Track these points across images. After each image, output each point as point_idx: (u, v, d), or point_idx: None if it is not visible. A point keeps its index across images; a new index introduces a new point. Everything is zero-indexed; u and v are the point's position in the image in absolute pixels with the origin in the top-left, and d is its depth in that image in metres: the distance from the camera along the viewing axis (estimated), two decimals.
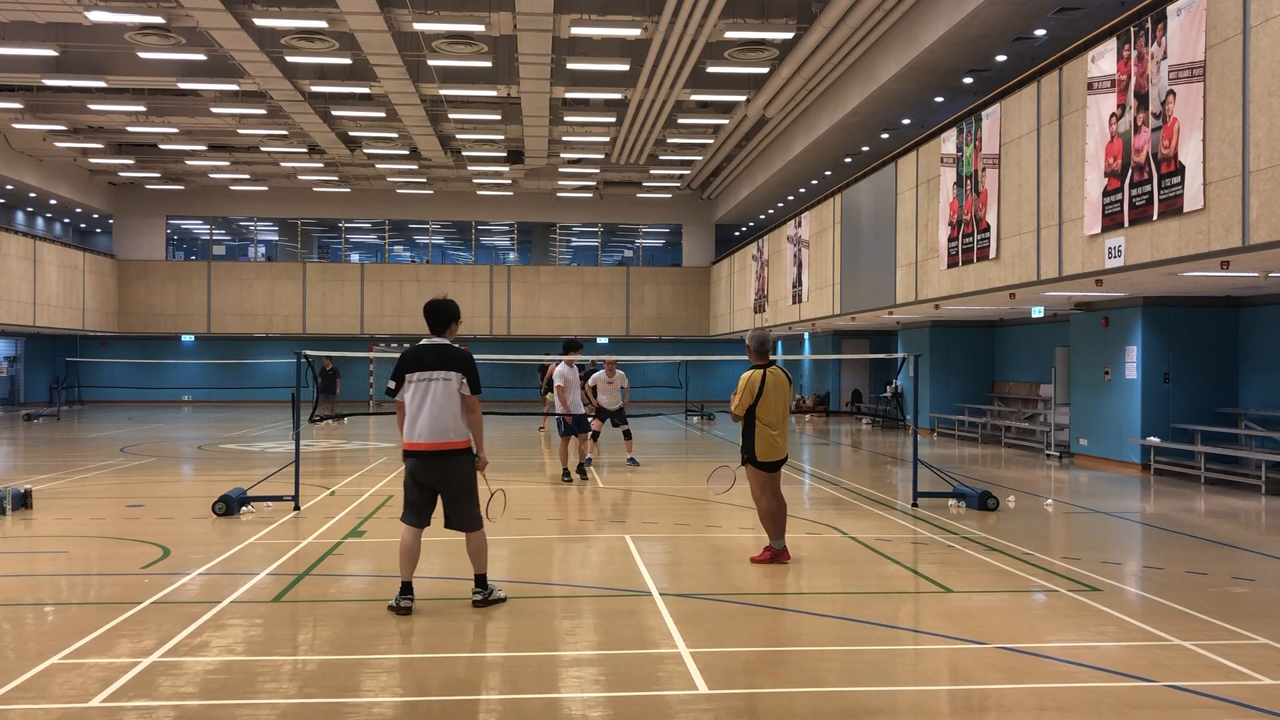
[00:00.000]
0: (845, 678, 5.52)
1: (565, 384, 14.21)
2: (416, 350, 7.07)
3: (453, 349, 7.05)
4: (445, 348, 7.03)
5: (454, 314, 7.18)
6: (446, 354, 6.99)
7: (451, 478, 6.96)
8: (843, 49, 20.88)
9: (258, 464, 16.59)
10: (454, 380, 6.94)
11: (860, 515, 11.36)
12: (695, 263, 40.97)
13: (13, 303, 29.20)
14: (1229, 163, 10.35)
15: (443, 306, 7.15)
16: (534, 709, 5.04)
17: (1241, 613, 6.93)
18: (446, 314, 7.13)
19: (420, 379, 6.95)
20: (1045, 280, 14.12)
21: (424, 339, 7.17)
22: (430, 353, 6.99)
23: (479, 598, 7.07)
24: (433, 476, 6.95)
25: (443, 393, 6.91)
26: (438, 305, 7.16)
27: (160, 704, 5.05)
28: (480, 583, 7.09)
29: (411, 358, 7.04)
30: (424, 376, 6.94)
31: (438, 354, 6.98)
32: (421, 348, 7.06)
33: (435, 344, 7.07)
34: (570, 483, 14.18)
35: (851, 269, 22.63)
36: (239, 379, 39.38)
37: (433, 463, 6.92)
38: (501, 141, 30.55)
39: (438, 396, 6.90)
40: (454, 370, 6.94)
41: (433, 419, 6.89)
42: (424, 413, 6.92)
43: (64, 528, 10.40)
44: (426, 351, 7.01)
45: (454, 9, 19.31)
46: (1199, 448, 14.63)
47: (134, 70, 23.25)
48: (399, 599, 6.86)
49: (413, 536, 6.98)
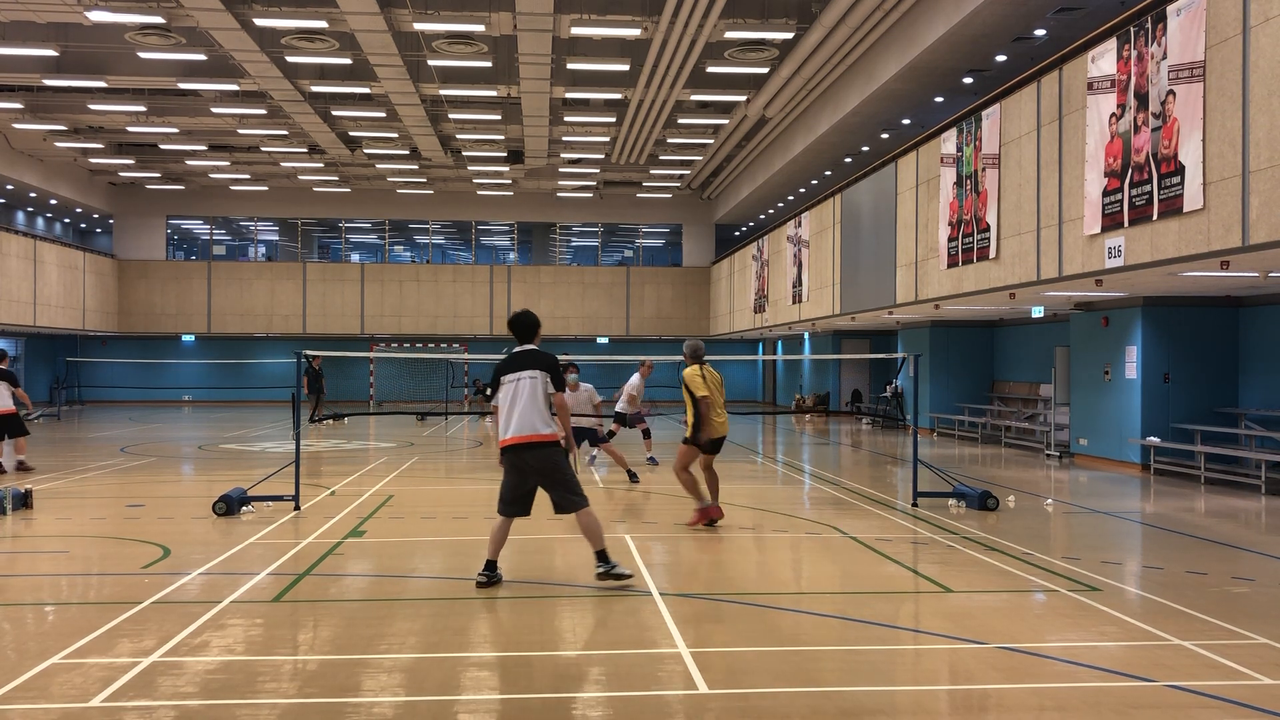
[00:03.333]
0: (845, 677, 5.52)
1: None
2: (509, 358, 7.81)
3: (538, 353, 7.77)
4: (532, 351, 7.78)
5: (536, 324, 7.95)
6: (532, 357, 7.72)
7: (545, 468, 7.58)
8: (843, 49, 20.88)
9: (258, 464, 16.59)
10: (539, 379, 7.60)
11: (860, 515, 11.37)
12: (695, 263, 40.98)
13: (13, 303, 29.20)
14: (1229, 163, 10.35)
15: (524, 319, 7.92)
16: (534, 709, 5.04)
17: (1241, 613, 6.93)
18: (528, 325, 7.90)
19: (510, 380, 7.67)
20: (1045, 280, 14.12)
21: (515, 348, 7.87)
22: (519, 357, 7.75)
23: (601, 571, 7.63)
24: (528, 469, 7.58)
25: (529, 390, 7.58)
26: (520, 319, 7.92)
27: (160, 704, 5.05)
28: (601, 558, 7.68)
29: (505, 363, 7.79)
30: (514, 377, 7.66)
31: (525, 357, 7.73)
32: (513, 354, 7.80)
33: (524, 349, 7.82)
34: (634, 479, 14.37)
35: (851, 269, 22.63)
36: (239, 379, 39.39)
37: (526, 455, 7.54)
38: (501, 141, 30.55)
39: (524, 394, 7.58)
40: (539, 370, 7.63)
41: (522, 415, 7.54)
42: (514, 410, 7.57)
43: (64, 528, 10.40)
44: (518, 358, 7.76)
45: (454, 9, 19.31)
46: (1199, 448, 14.63)
47: (134, 70, 23.25)
48: (481, 573, 7.62)
49: (504, 524, 7.73)
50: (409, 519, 10.97)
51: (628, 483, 14.25)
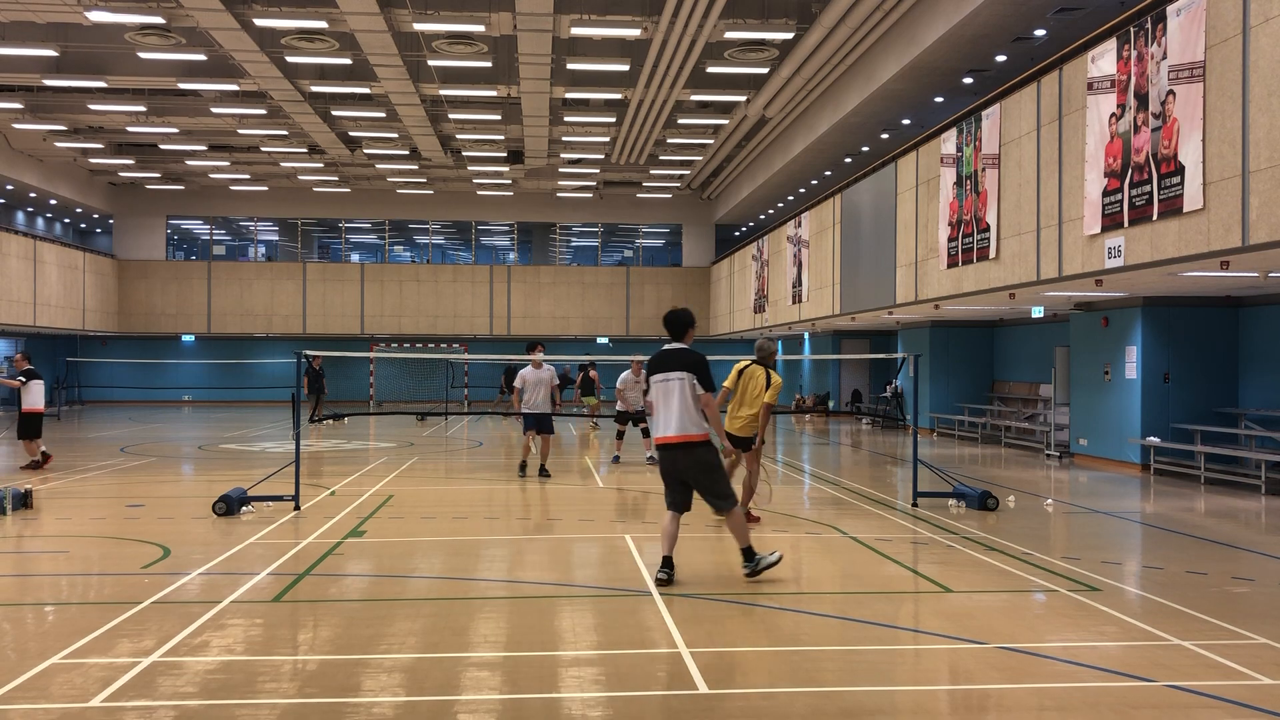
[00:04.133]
0: (845, 678, 5.52)
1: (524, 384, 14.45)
2: (659, 355, 7.92)
3: (688, 353, 7.84)
4: (681, 351, 7.84)
5: (690, 322, 8.02)
6: (680, 356, 7.80)
7: (694, 467, 7.68)
8: (843, 49, 20.88)
9: (258, 464, 16.59)
10: (686, 379, 7.71)
11: (860, 515, 11.37)
12: (695, 263, 40.97)
13: (13, 303, 29.20)
14: (1229, 163, 10.35)
15: (679, 316, 8.00)
16: (534, 709, 5.04)
17: (1241, 613, 6.93)
18: (682, 322, 7.97)
19: (660, 380, 7.79)
20: (1045, 280, 14.12)
21: (665, 344, 8.00)
22: (668, 357, 7.85)
23: (747, 570, 7.74)
24: (678, 467, 7.70)
25: (679, 391, 7.70)
26: (675, 315, 8.01)
27: (160, 704, 5.05)
28: (747, 556, 7.77)
29: (656, 362, 7.91)
30: (662, 377, 7.78)
31: (674, 358, 7.82)
32: (663, 353, 7.92)
33: (673, 349, 7.90)
34: (524, 478, 14.58)
35: (851, 269, 22.63)
36: (239, 379, 39.39)
37: (673, 455, 7.69)
38: (501, 141, 30.55)
39: (674, 395, 7.70)
40: (685, 370, 7.71)
41: (672, 416, 7.67)
42: (665, 410, 7.71)
43: (64, 528, 10.40)
44: (666, 356, 7.87)
45: (454, 9, 19.31)
46: (1199, 448, 14.63)
47: (134, 70, 23.25)
48: (659, 571, 7.68)
49: (672, 519, 7.80)
50: (409, 519, 10.97)
51: (628, 481, 14.26)
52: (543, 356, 14.57)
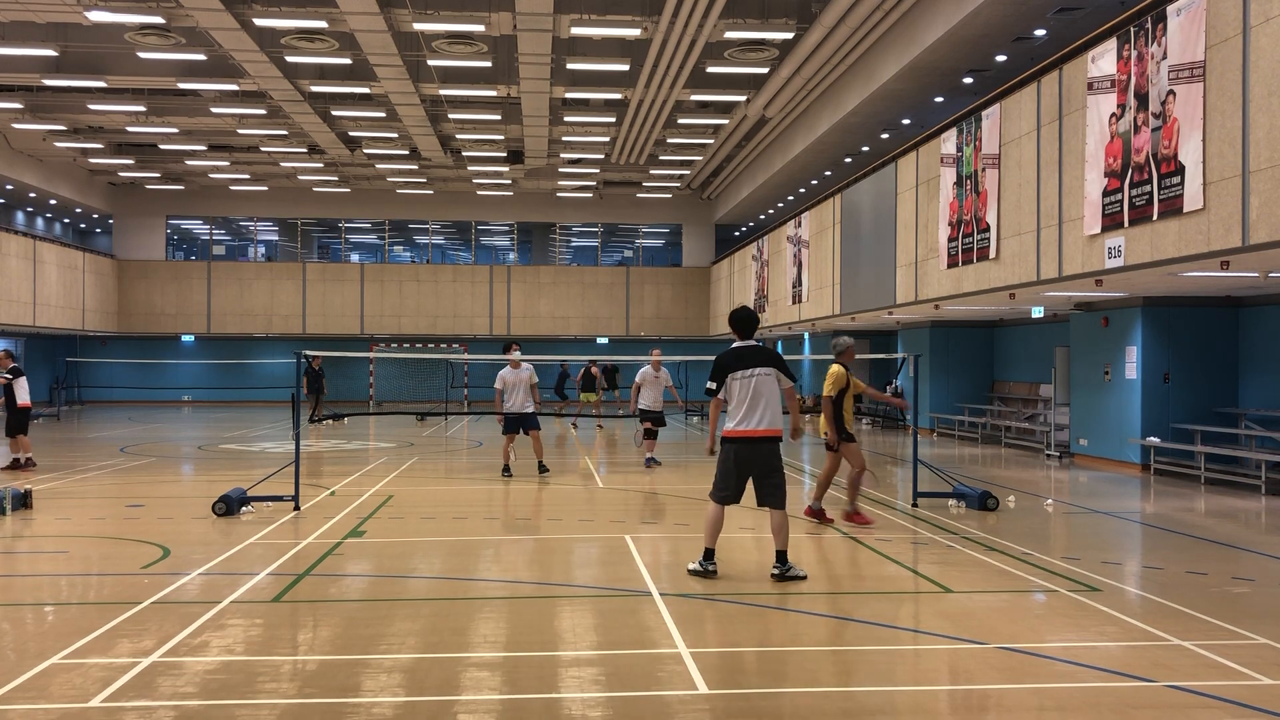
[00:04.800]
0: (845, 678, 5.52)
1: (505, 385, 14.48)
2: (738, 351, 8.09)
3: (768, 349, 8.16)
4: (761, 348, 8.13)
5: (756, 320, 8.43)
6: (760, 354, 8.07)
7: (768, 461, 7.92)
8: (843, 49, 20.88)
9: (258, 464, 16.59)
10: (773, 374, 8.02)
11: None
12: (695, 263, 40.97)
13: (13, 303, 29.20)
14: (1229, 163, 10.35)
15: (751, 316, 8.33)
16: (534, 709, 5.04)
17: (1241, 613, 6.93)
18: (754, 322, 8.34)
19: (744, 375, 7.98)
20: (1045, 280, 14.12)
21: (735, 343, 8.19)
22: (749, 353, 8.06)
23: (777, 572, 7.87)
24: (752, 460, 7.90)
25: (769, 386, 7.96)
26: (746, 315, 8.31)
27: (160, 704, 5.05)
28: (781, 559, 7.90)
29: (734, 358, 8.06)
30: (748, 373, 7.97)
31: (756, 354, 8.05)
32: (742, 349, 8.10)
33: (751, 346, 8.13)
34: (509, 478, 14.50)
35: (851, 269, 22.63)
36: (239, 379, 39.38)
37: (756, 447, 7.89)
38: (501, 141, 30.55)
39: (764, 390, 7.94)
40: (771, 366, 8.03)
41: (762, 410, 7.91)
42: (751, 405, 7.91)
43: (64, 528, 10.40)
44: (746, 352, 8.06)
45: (454, 9, 19.30)
46: (1199, 448, 14.63)
47: (134, 70, 23.25)
48: (703, 564, 7.96)
49: (720, 512, 8.10)
50: (409, 519, 10.97)
51: (629, 481, 14.25)
52: (520, 356, 14.57)
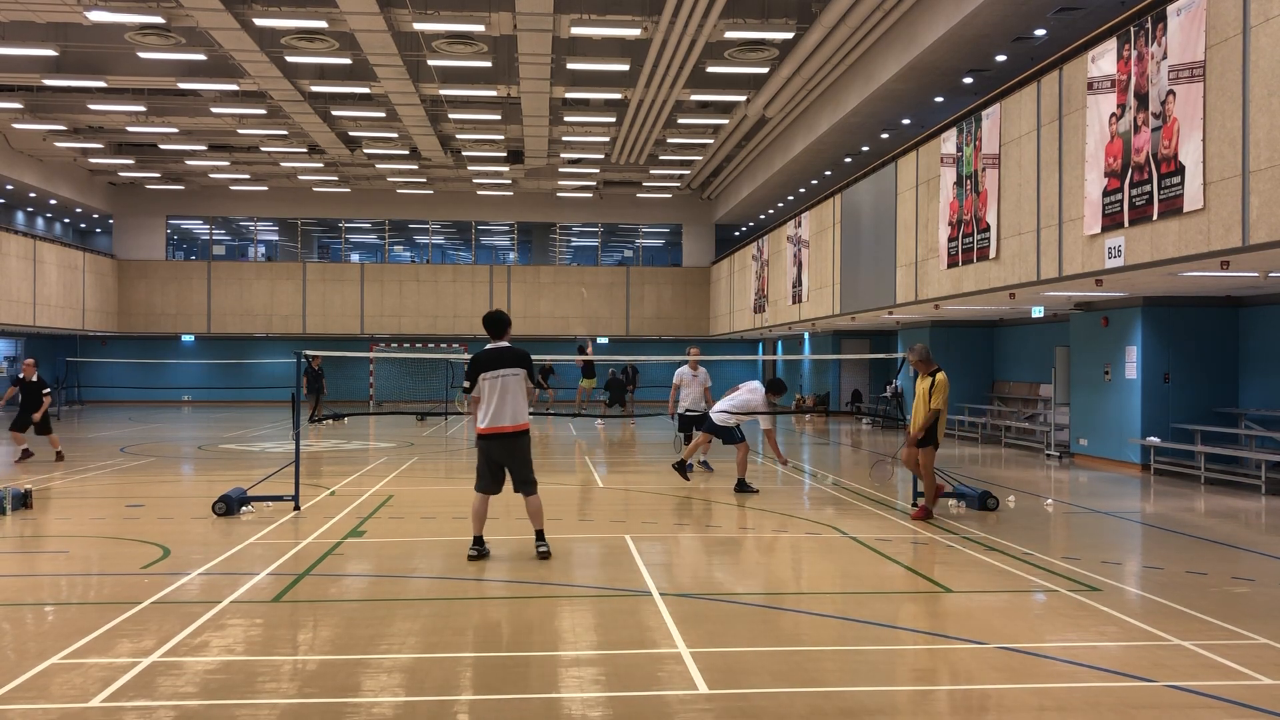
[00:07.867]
0: (845, 678, 5.52)
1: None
2: (488, 353, 8.35)
3: (516, 350, 8.42)
4: (510, 349, 8.44)
5: (508, 323, 8.57)
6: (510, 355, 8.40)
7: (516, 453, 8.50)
8: (843, 49, 20.88)
9: (258, 464, 16.59)
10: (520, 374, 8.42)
11: (860, 515, 11.37)
12: (695, 263, 40.97)
13: (13, 303, 29.19)
14: (1229, 163, 10.35)
15: (501, 318, 8.52)
16: (534, 709, 5.04)
17: (1241, 613, 6.93)
18: (504, 324, 8.51)
19: (493, 376, 8.32)
20: (1045, 280, 14.12)
21: (488, 345, 8.50)
22: (499, 355, 8.33)
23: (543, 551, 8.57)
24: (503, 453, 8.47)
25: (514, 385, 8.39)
26: (497, 317, 8.52)
27: (160, 704, 5.05)
28: (540, 537, 8.69)
29: (485, 359, 8.34)
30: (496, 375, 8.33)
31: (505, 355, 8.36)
32: (492, 350, 8.39)
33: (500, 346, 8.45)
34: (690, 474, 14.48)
35: (851, 269, 22.63)
36: (239, 379, 39.38)
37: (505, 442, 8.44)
38: (501, 141, 30.55)
39: (509, 388, 8.33)
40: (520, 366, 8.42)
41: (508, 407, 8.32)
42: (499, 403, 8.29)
43: (64, 528, 10.40)
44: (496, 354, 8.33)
45: (454, 9, 19.30)
46: (1199, 448, 14.63)
47: (134, 70, 23.24)
48: (473, 548, 8.58)
49: (483, 501, 8.63)
50: (409, 519, 10.97)
51: (628, 481, 14.24)
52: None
